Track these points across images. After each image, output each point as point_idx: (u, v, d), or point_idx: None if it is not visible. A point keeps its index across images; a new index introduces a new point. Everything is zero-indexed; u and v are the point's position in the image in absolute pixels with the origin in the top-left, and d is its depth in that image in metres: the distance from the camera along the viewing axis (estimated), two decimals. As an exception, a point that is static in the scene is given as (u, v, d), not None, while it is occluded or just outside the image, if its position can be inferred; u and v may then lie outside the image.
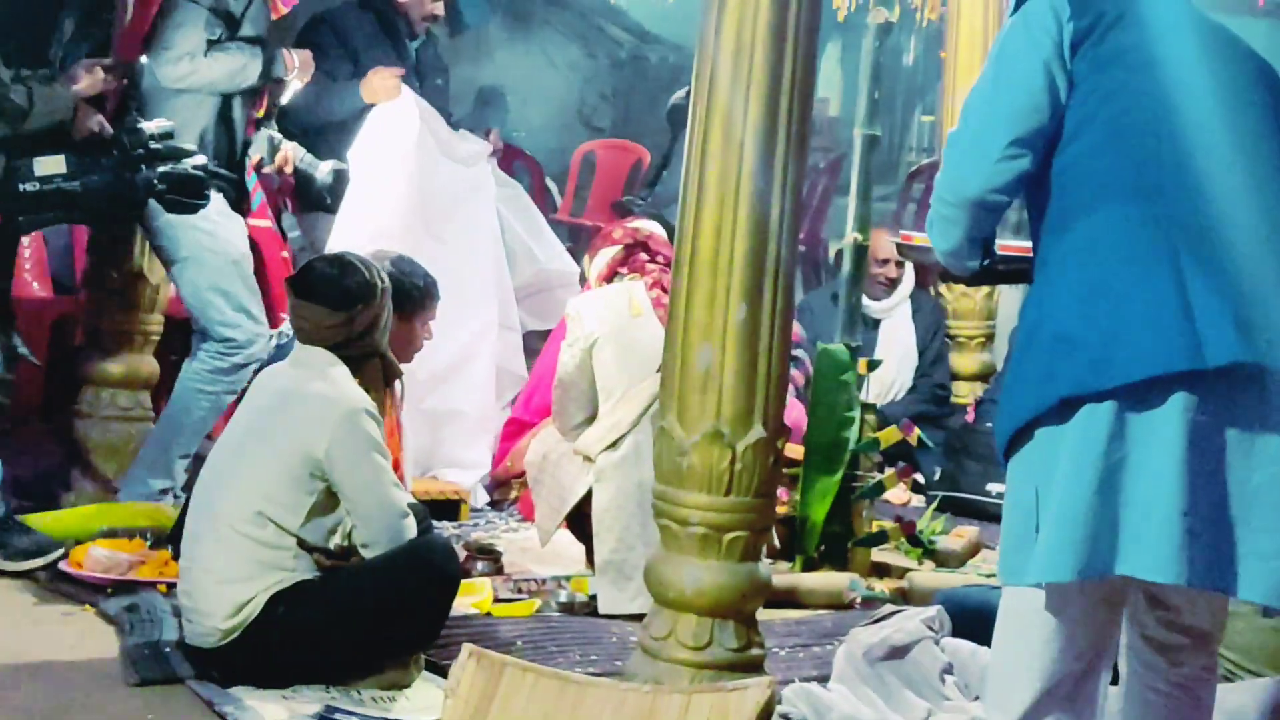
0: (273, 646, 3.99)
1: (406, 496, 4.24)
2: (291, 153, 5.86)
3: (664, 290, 5.00)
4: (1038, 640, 2.92)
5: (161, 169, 5.04)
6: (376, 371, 4.31)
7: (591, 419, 5.02)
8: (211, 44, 5.37)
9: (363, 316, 4.22)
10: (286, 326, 5.07)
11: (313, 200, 6.17)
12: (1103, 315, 2.80)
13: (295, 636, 3.99)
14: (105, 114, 5.08)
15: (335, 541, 4.12)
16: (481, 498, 6.23)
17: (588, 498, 4.92)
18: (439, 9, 6.55)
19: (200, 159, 5.18)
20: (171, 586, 4.51)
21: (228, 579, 3.99)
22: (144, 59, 5.36)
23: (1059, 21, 2.93)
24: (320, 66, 6.19)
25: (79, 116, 4.97)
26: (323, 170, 5.50)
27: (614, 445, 4.88)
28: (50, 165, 4.91)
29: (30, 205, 4.90)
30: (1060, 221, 2.94)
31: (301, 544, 4.04)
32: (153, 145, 5.05)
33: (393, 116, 6.20)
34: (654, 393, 4.80)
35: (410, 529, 4.13)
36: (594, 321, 4.98)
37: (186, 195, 5.11)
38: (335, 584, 4.06)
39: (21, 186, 4.86)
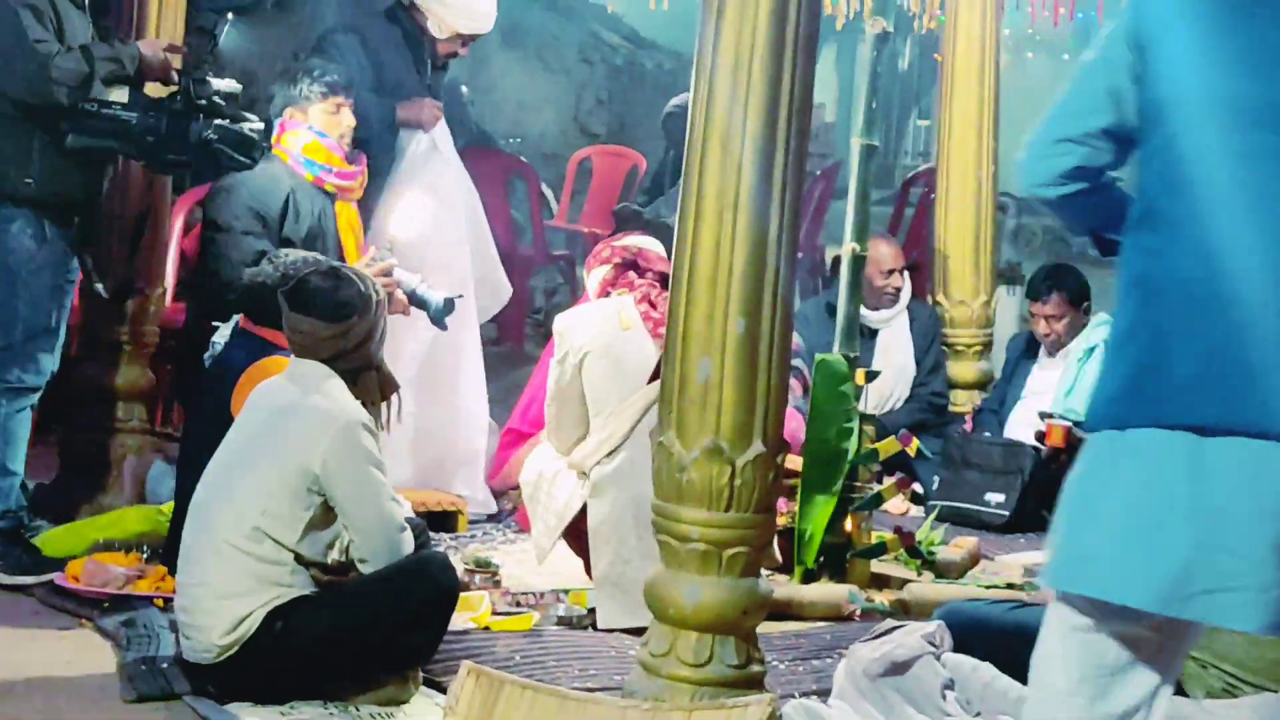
0: (271, 662, 3.98)
1: (404, 510, 4.22)
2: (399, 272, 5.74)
3: (651, 305, 4.98)
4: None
5: (219, 123, 5.08)
6: (373, 384, 4.29)
7: (586, 434, 5.01)
8: None
9: (357, 328, 4.20)
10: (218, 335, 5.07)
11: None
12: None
13: (293, 652, 3.98)
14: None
15: (333, 556, 4.10)
16: (489, 504, 6.19)
17: (584, 512, 4.90)
18: (464, 51, 6.53)
19: (259, 124, 5.23)
20: (168, 601, 4.50)
21: (225, 595, 3.98)
22: (230, 16, 5.41)
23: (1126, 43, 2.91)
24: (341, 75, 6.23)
25: (145, 58, 5.06)
26: (437, 296, 5.54)
27: (608, 458, 4.87)
28: (113, 93, 5.01)
29: (83, 123, 4.91)
30: (1140, 217, 2.87)
31: (299, 559, 4.03)
32: (215, 100, 5.10)
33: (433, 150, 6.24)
34: (645, 405, 4.81)
35: (408, 543, 4.12)
36: (582, 336, 4.96)
37: (239, 152, 5.15)
38: (333, 599, 4.04)
39: (80, 105, 4.90)
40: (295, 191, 5.43)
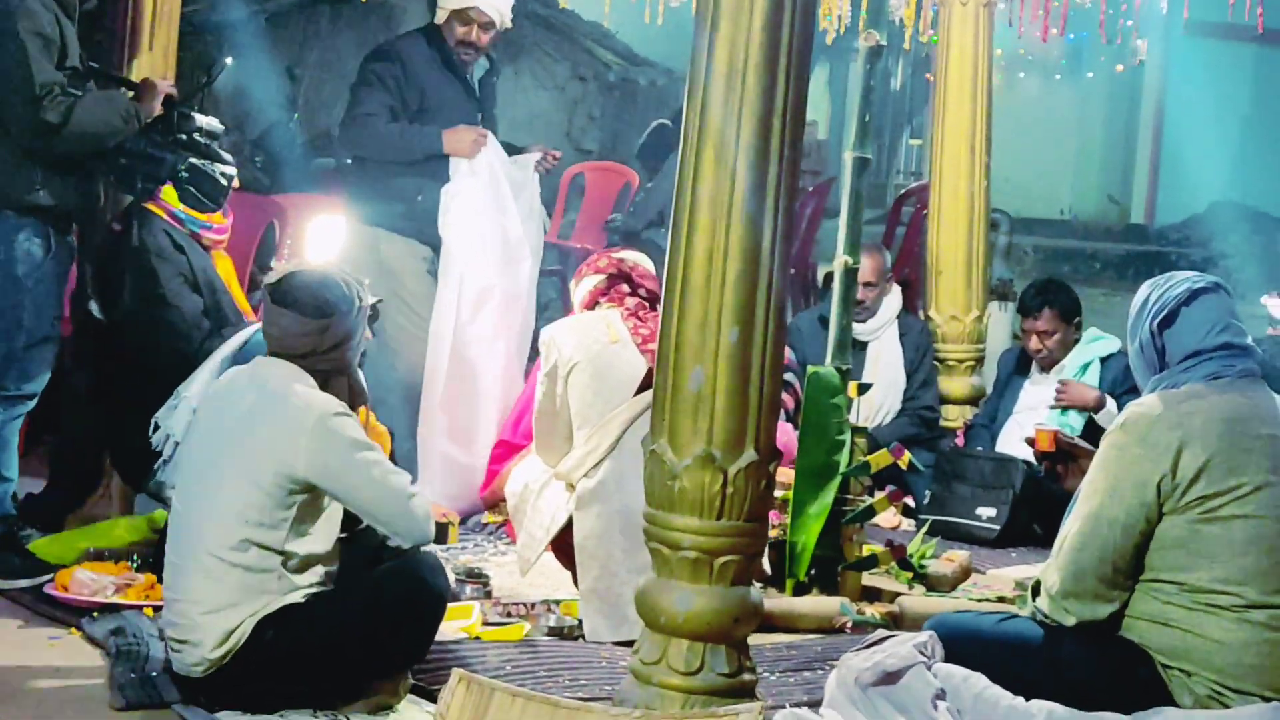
0: (262, 671, 3.96)
1: (405, 477, 4.17)
2: None
3: (639, 320, 4.99)
4: None
5: (193, 160, 5.10)
6: (343, 390, 4.22)
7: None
8: None
9: (335, 329, 4.15)
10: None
11: None
12: None
13: (285, 660, 3.96)
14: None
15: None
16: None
17: (571, 525, 4.89)
18: (470, 33, 6.49)
19: (231, 170, 5.24)
20: (158, 610, 4.48)
21: (214, 608, 3.95)
22: (228, 60, 5.44)
23: None
24: (384, 101, 6.34)
25: (144, 88, 5.13)
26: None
27: (593, 470, 4.86)
28: None
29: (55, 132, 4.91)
30: None
31: (287, 563, 4.00)
32: (196, 136, 5.12)
33: (474, 181, 6.32)
34: (630, 417, 4.81)
35: (421, 505, 4.09)
36: (569, 348, 4.96)
37: (203, 193, 5.19)
38: (324, 605, 4.03)
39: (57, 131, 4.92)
40: (187, 251, 5.48)
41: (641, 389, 4.87)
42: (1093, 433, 5.94)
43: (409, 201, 6.35)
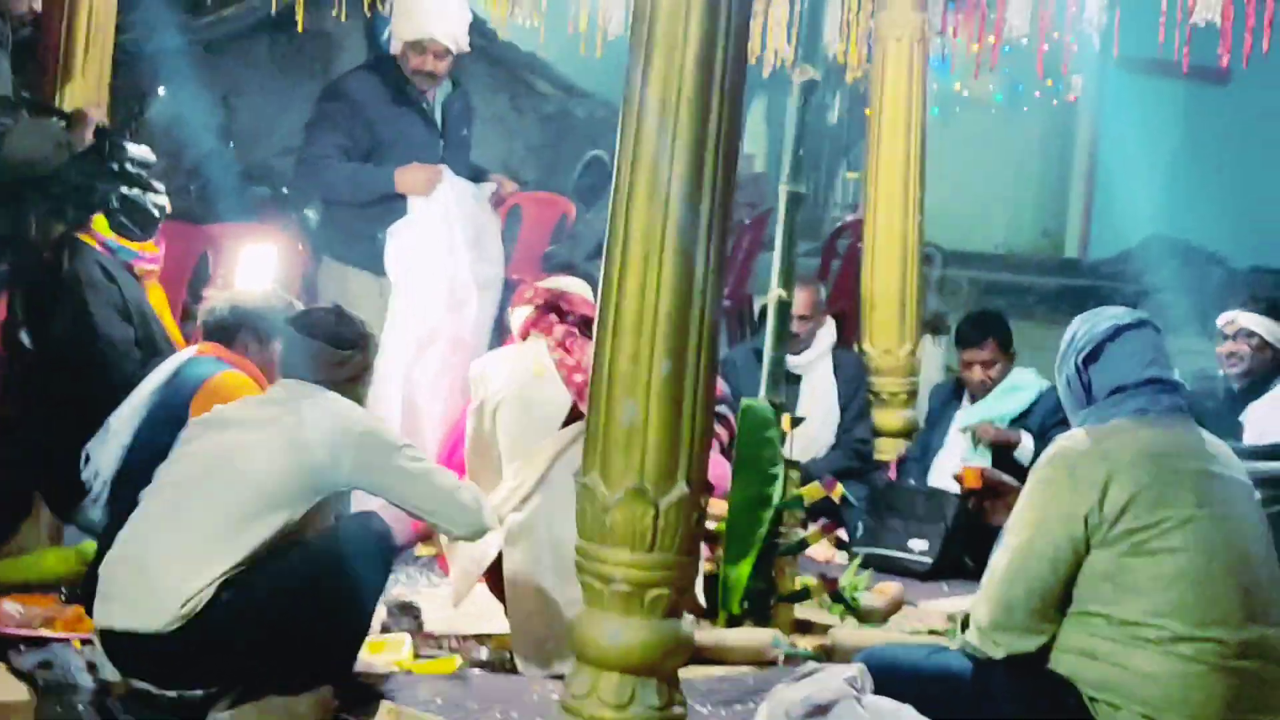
0: (215, 638, 3.99)
1: (449, 473, 4.41)
2: None
3: (566, 351, 4.97)
4: None
5: (124, 189, 5.08)
6: None
7: (506, 482, 5.01)
8: None
9: (356, 361, 4.38)
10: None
11: None
12: None
13: (239, 621, 4.01)
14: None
15: None
16: None
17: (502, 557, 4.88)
18: (425, 63, 6.37)
19: (163, 200, 5.22)
20: (86, 641, 4.45)
21: (184, 577, 4.01)
22: (162, 89, 5.43)
23: None
24: (335, 141, 6.28)
25: (73, 120, 5.13)
26: None
27: (521, 505, 4.85)
28: None
29: None
30: None
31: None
32: (128, 166, 5.09)
33: (423, 220, 6.31)
34: (555, 452, 4.80)
35: (468, 496, 4.34)
36: (497, 382, 4.95)
37: (135, 222, 5.18)
38: (280, 557, 4.10)
39: None
40: (119, 281, 5.45)
41: (571, 420, 4.86)
42: (1017, 469, 5.97)
43: (370, 238, 6.32)
